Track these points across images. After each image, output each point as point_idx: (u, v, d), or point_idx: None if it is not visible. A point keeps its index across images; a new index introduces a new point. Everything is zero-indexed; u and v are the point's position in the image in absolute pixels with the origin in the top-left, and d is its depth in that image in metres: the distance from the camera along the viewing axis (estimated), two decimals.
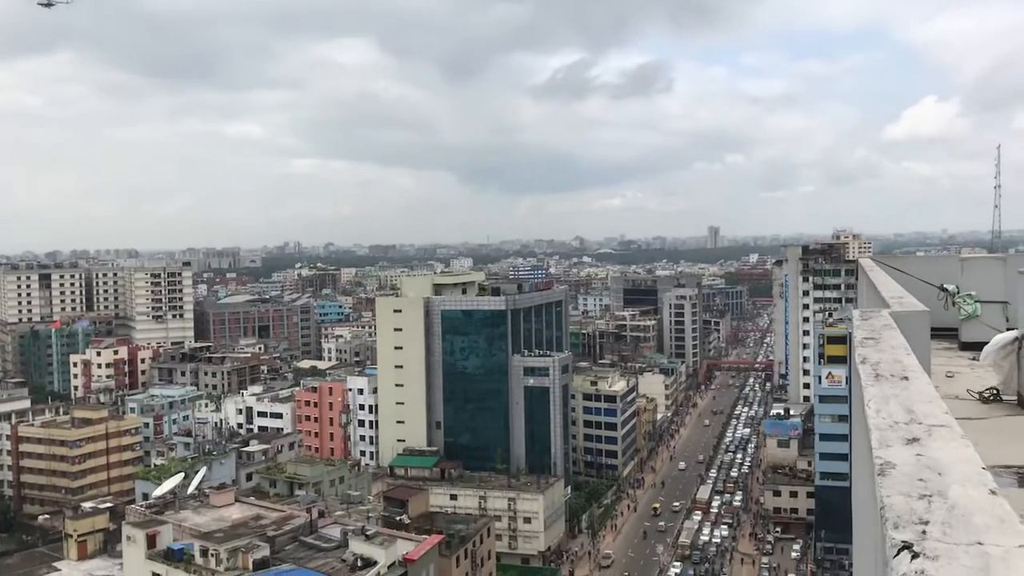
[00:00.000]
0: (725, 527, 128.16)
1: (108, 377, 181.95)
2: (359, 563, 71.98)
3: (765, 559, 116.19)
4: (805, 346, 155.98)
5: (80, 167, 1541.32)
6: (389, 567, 72.60)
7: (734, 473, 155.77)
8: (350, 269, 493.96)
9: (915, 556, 2.53)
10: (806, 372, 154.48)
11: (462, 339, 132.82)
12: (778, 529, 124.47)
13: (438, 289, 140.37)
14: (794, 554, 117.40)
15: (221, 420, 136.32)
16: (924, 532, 2.64)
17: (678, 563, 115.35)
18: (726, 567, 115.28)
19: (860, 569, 5.64)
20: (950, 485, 3.18)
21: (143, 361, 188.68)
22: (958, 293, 14.54)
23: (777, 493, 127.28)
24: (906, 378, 5.27)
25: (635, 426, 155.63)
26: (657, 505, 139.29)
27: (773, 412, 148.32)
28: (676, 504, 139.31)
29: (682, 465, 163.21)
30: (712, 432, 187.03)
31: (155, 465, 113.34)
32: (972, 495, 3.06)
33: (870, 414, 4.39)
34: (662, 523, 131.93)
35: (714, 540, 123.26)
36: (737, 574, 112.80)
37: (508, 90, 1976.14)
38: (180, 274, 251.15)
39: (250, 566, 70.52)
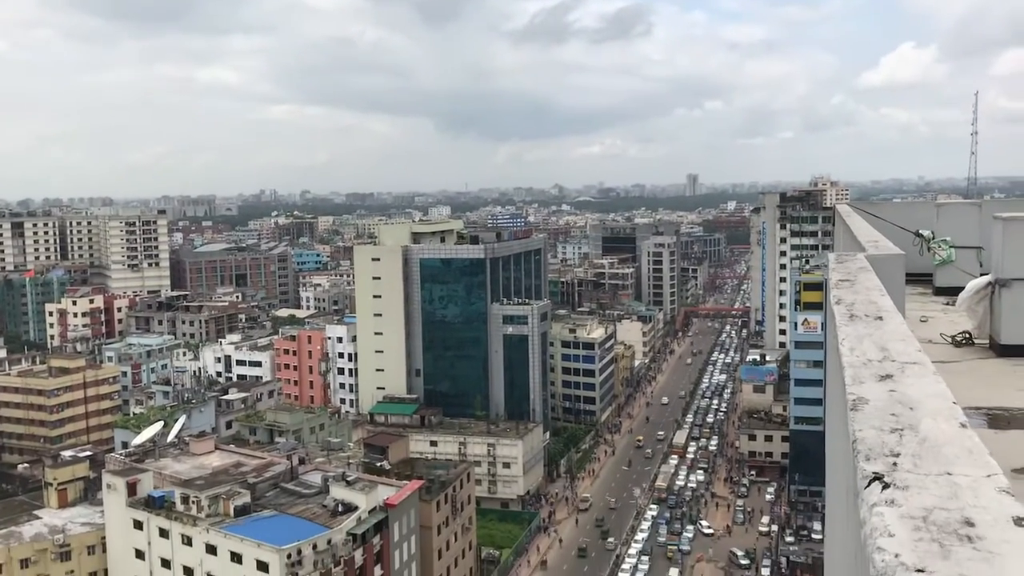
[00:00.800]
0: (701, 472, 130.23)
1: (84, 326, 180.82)
2: (340, 508, 72.69)
3: (740, 502, 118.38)
4: (782, 293, 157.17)
5: (51, 114, 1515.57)
6: (370, 512, 73.38)
7: (710, 419, 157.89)
8: (327, 217, 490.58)
9: (886, 486, 2.56)
10: (782, 318, 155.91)
11: (441, 287, 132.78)
12: (753, 472, 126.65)
13: (416, 237, 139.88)
14: (768, 496, 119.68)
15: (200, 369, 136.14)
16: (895, 464, 2.67)
17: (654, 506, 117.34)
18: (701, 510, 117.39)
19: (832, 505, 5.75)
20: (921, 419, 3.21)
21: (119, 310, 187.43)
22: (933, 239, 14.61)
23: (752, 437, 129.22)
24: (880, 318, 5.32)
25: (613, 372, 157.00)
26: (640, 438, 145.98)
27: (749, 358, 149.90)
28: (660, 433, 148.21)
29: (665, 400, 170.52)
30: (692, 374, 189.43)
31: (134, 414, 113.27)
32: (943, 428, 3.10)
33: (844, 352, 4.42)
34: (649, 450, 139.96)
35: (690, 484, 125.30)
36: (712, 516, 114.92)
37: (486, 35, 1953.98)
38: (155, 222, 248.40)
39: (231, 512, 71.04)
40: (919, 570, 2.26)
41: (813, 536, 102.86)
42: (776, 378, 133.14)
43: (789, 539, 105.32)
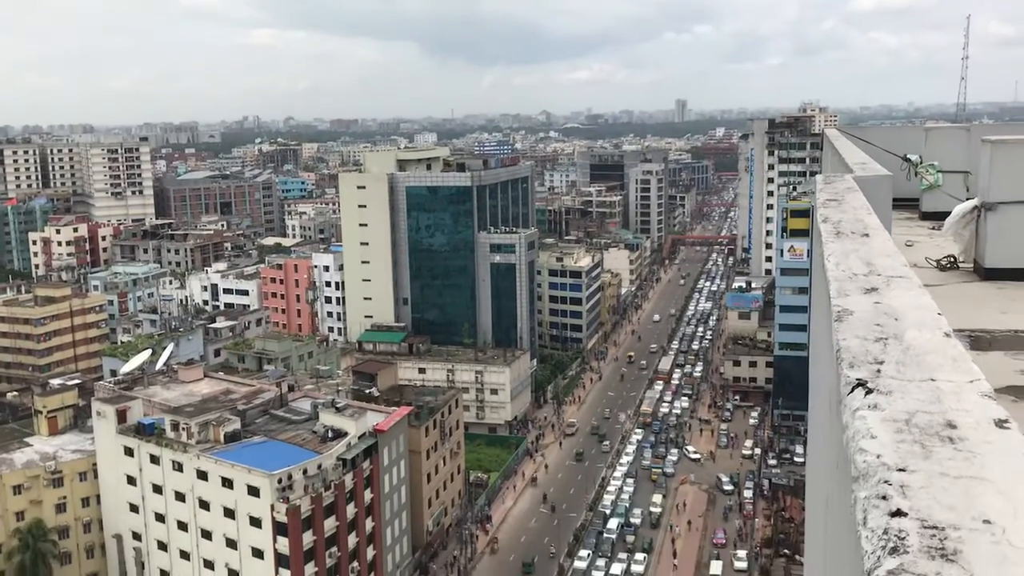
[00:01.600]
0: (685, 398, 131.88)
1: (69, 255, 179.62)
2: (330, 434, 73.54)
3: (724, 426, 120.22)
4: (768, 220, 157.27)
5: (27, 38, 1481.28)
6: (360, 437, 74.28)
7: (695, 346, 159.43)
8: (311, 144, 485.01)
9: (869, 392, 2.57)
10: (769, 246, 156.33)
11: (427, 216, 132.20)
12: (737, 397, 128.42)
13: (402, 165, 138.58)
14: (752, 421, 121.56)
15: (186, 297, 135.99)
16: (879, 371, 2.67)
17: (639, 430, 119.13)
18: (686, 435, 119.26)
19: (815, 421, 5.80)
20: (906, 329, 3.21)
21: (104, 239, 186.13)
22: (921, 163, 14.54)
23: (737, 363, 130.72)
24: (867, 235, 5.30)
25: (599, 300, 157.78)
26: (632, 353, 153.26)
27: (735, 285, 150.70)
28: (653, 346, 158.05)
29: (656, 317, 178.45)
30: (678, 301, 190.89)
31: (121, 342, 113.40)
32: (927, 338, 3.10)
33: (830, 267, 4.41)
34: (644, 363, 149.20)
35: (674, 411, 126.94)
36: (696, 441, 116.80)
37: None
38: (138, 150, 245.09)
39: (221, 439, 71.77)
40: (900, 469, 2.28)
41: (795, 459, 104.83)
42: (761, 305, 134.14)
43: (772, 462, 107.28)
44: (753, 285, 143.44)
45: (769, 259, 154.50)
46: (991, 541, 2.02)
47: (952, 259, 11.47)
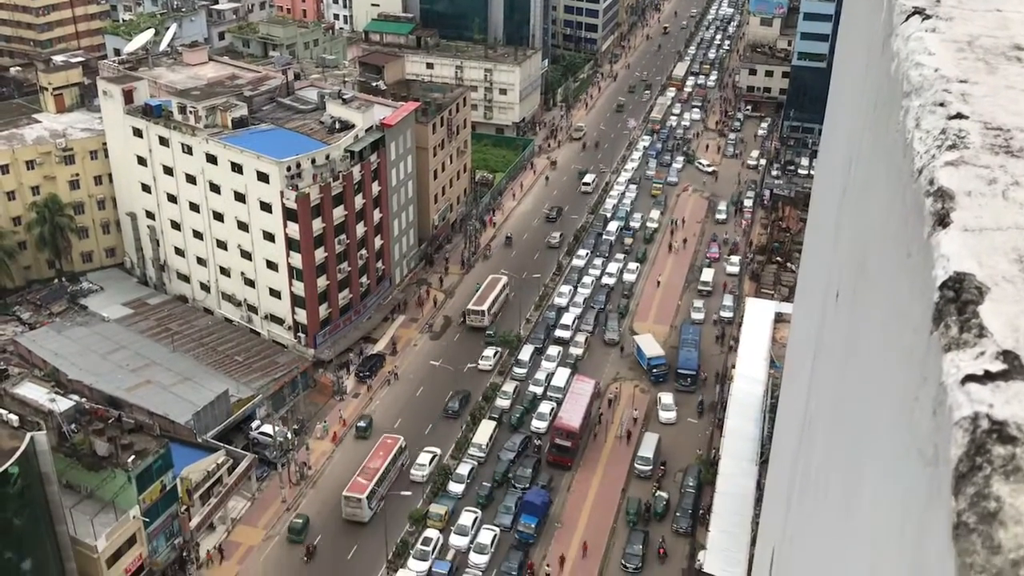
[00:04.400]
0: (696, 109, 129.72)
1: None
2: (337, 126, 73.53)
3: (732, 135, 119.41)
4: None
5: None
6: (367, 131, 74.32)
7: (712, 54, 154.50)
8: None
9: (927, 18, 2.40)
10: None
11: None
12: (748, 108, 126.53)
13: None
14: (760, 131, 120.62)
15: None
16: (938, 1, 2.51)
17: (647, 137, 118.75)
18: (693, 142, 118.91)
19: (837, 88, 5.62)
20: None
21: None
22: None
23: (753, 72, 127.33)
24: None
25: None
26: (667, 25, 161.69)
27: None
28: (694, 10, 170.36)
29: None
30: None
31: (123, 20, 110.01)
32: None
33: None
34: (685, 22, 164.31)
35: (683, 123, 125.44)
36: (702, 149, 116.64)
37: None
38: None
39: (229, 124, 71.84)
40: (962, 81, 2.16)
41: (799, 171, 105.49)
42: (785, 11, 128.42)
43: (775, 173, 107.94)
44: None
45: None
46: None
47: None
